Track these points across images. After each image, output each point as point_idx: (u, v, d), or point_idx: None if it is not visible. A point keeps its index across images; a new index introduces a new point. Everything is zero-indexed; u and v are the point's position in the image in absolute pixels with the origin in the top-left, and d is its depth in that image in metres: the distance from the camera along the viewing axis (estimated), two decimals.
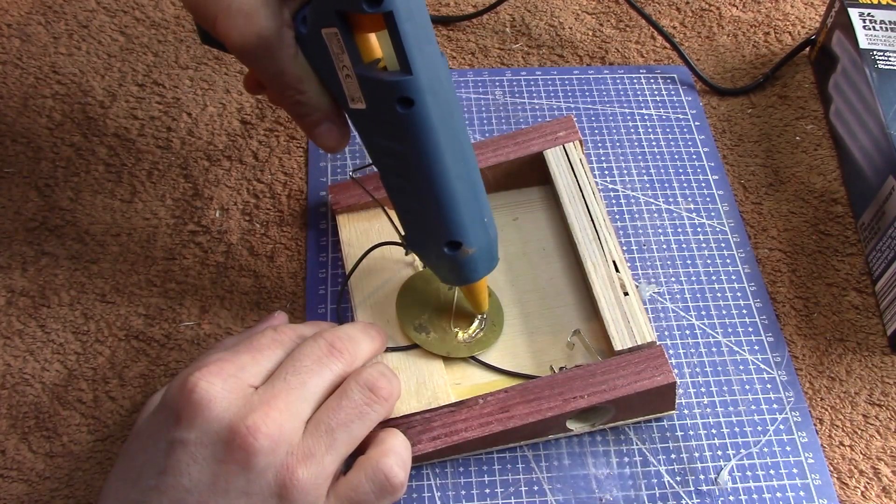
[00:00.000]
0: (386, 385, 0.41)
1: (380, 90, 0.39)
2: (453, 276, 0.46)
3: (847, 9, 0.60)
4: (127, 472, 0.39)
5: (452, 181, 0.42)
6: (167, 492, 0.37)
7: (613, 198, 0.57)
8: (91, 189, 0.57)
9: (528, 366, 0.48)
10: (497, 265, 0.46)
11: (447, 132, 0.40)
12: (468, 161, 0.42)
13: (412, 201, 0.43)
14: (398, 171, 0.43)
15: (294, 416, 0.38)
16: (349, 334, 0.43)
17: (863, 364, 0.51)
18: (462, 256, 0.44)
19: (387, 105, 0.39)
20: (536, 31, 0.68)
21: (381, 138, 0.42)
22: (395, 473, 0.40)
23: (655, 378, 0.45)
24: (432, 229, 0.44)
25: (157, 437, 0.38)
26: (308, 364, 0.40)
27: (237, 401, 0.38)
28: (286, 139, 0.60)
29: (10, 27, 0.66)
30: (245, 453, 0.37)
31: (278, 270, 0.53)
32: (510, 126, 0.61)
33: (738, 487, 0.46)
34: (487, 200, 0.45)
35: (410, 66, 0.38)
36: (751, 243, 0.55)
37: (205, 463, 0.37)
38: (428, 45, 0.39)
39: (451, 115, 0.41)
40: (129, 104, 0.61)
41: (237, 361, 0.39)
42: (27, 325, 0.51)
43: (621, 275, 0.49)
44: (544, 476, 0.46)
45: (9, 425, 0.47)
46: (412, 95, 0.39)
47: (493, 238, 0.45)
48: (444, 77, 0.40)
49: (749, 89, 0.64)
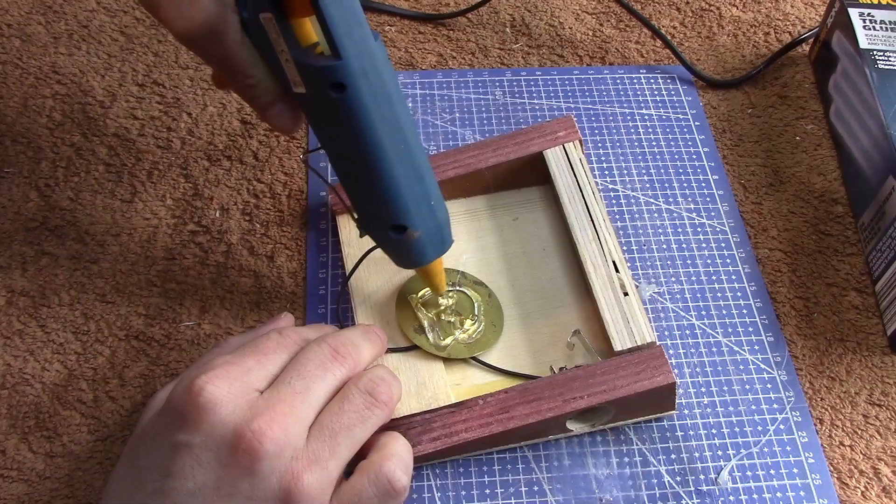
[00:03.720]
0: (386, 389, 0.41)
1: (314, 75, 0.39)
2: (403, 260, 0.46)
3: (847, 9, 0.60)
4: (130, 474, 0.39)
5: (392, 165, 0.41)
6: (171, 495, 0.37)
7: (613, 198, 0.57)
8: (91, 189, 0.57)
9: (528, 366, 0.48)
10: (450, 247, 0.46)
11: (384, 116, 0.40)
12: (409, 144, 0.42)
13: (357, 185, 0.44)
14: (340, 155, 0.43)
15: (299, 421, 0.38)
16: (352, 339, 0.43)
17: (863, 364, 0.51)
18: (408, 240, 0.44)
19: (322, 90, 0.40)
20: (536, 31, 0.68)
21: (322, 122, 0.42)
22: (397, 478, 0.40)
23: (655, 378, 0.45)
24: (377, 213, 0.44)
25: (162, 439, 0.38)
26: (312, 369, 0.40)
27: (243, 405, 0.38)
28: (286, 139, 0.60)
29: (10, 27, 0.66)
30: (250, 458, 0.37)
31: (278, 270, 0.53)
32: (510, 126, 0.61)
33: (738, 487, 0.46)
34: (436, 183, 0.44)
35: (339, 51, 0.38)
36: (751, 243, 0.55)
37: (209, 467, 0.37)
38: (358, 27, 0.39)
39: (388, 97, 0.40)
40: (129, 104, 0.61)
41: (243, 365, 0.39)
42: (27, 325, 0.51)
43: (621, 275, 0.49)
44: (544, 476, 0.46)
45: (9, 425, 0.47)
46: (343, 80, 0.39)
47: (443, 221, 0.45)
48: (379, 60, 0.40)
49: (743, 80, 0.64)
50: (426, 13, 0.68)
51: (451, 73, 0.64)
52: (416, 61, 0.65)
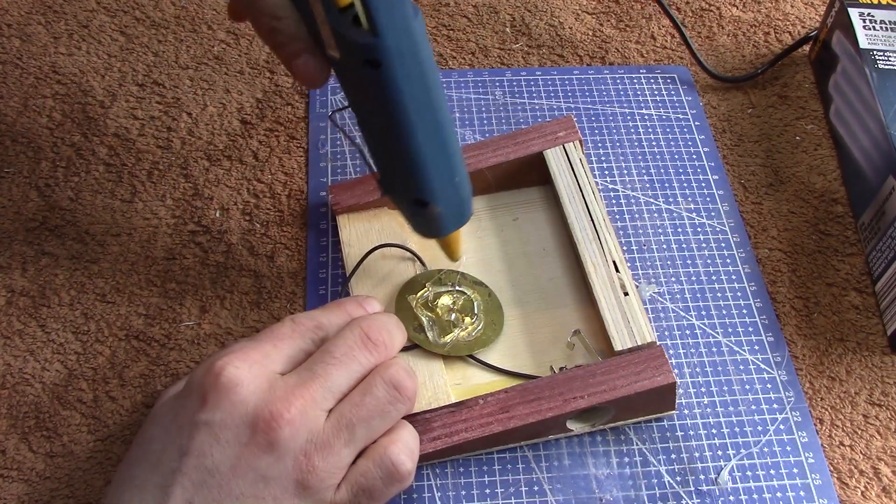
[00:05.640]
0: (410, 384, 0.42)
1: (348, 47, 0.38)
2: (420, 229, 0.46)
3: (847, 9, 0.60)
4: (145, 456, 0.39)
5: (421, 143, 0.41)
6: (189, 473, 0.37)
7: (613, 198, 0.57)
8: (91, 189, 0.57)
9: (528, 366, 0.48)
10: (469, 219, 0.46)
11: (416, 95, 0.40)
12: (440, 121, 0.41)
13: (382, 154, 0.43)
14: (368, 123, 0.42)
15: (316, 406, 0.39)
16: (386, 325, 0.43)
17: (863, 364, 0.51)
18: (429, 214, 0.44)
19: (355, 62, 0.39)
20: (536, 31, 0.68)
21: (353, 90, 0.41)
22: (401, 461, 0.40)
23: (655, 378, 0.45)
24: (400, 184, 0.44)
25: (181, 420, 0.39)
26: (338, 355, 0.41)
27: (263, 385, 0.39)
28: (286, 139, 0.60)
29: (10, 27, 0.66)
30: (267, 438, 0.37)
31: (278, 270, 0.53)
32: (510, 126, 0.61)
33: (738, 487, 0.46)
34: (461, 158, 0.44)
35: (377, 28, 0.37)
36: (751, 243, 0.55)
37: (227, 445, 0.37)
38: (399, 3, 0.37)
39: (423, 76, 0.40)
40: (129, 104, 0.61)
41: (260, 349, 0.40)
42: (27, 325, 0.51)
43: (621, 275, 0.49)
44: (544, 476, 0.46)
45: (9, 425, 0.47)
46: (379, 57, 0.38)
47: (465, 197, 0.45)
48: (417, 37, 0.39)
49: (750, 77, 0.64)
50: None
51: (451, 73, 0.64)
52: None
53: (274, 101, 0.62)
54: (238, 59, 0.64)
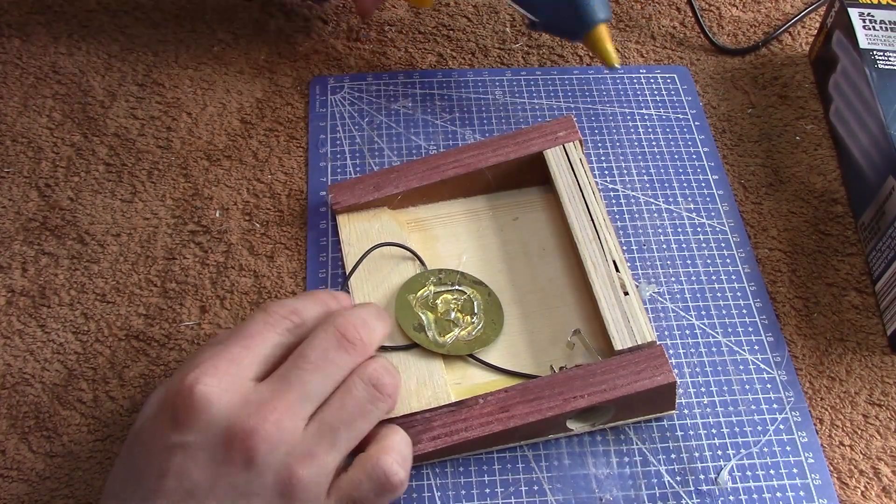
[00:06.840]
0: (390, 381, 0.41)
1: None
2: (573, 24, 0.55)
3: (847, 9, 0.60)
4: (127, 475, 0.39)
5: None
6: (168, 495, 0.37)
7: (613, 198, 0.57)
8: (91, 189, 0.57)
9: (528, 366, 0.48)
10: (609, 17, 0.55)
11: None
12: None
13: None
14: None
15: (293, 416, 0.38)
16: (363, 318, 0.42)
17: (863, 364, 0.51)
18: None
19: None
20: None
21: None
22: (394, 471, 0.40)
23: (655, 378, 0.45)
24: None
25: (157, 440, 0.38)
26: (314, 359, 0.39)
27: (235, 399, 0.38)
28: (286, 139, 0.60)
29: (10, 27, 0.66)
30: (243, 456, 0.37)
31: (278, 270, 0.53)
32: (510, 126, 0.61)
33: (738, 487, 0.46)
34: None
35: None
36: (751, 243, 0.56)
37: (205, 465, 0.37)
38: None
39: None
40: (129, 104, 0.61)
41: (228, 355, 0.39)
42: (27, 325, 0.51)
43: (621, 275, 0.49)
44: (544, 476, 0.46)
45: (9, 425, 0.47)
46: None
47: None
48: None
49: (750, 49, 0.67)
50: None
51: (451, 72, 0.64)
52: (416, 61, 0.65)
53: (274, 101, 0.62)
54: (238, 59, 0.64)
